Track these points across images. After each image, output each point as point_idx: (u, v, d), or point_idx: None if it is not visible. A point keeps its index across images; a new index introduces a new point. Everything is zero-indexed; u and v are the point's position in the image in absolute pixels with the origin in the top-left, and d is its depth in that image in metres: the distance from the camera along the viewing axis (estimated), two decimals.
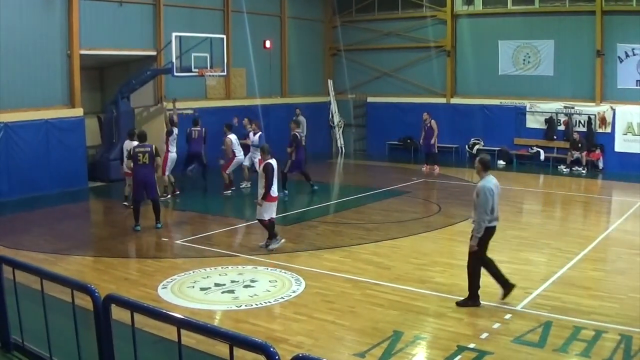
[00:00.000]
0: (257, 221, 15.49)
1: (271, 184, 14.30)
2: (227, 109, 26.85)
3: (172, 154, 21.09)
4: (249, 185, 22.08)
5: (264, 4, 30.37)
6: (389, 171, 27.03)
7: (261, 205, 14.43)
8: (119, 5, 23.94)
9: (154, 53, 25.46)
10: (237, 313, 10.76)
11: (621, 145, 26.08)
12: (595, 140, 26.52)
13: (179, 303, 11.17)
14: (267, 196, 14.32)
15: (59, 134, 21.77)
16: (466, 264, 11.16)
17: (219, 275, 12.76)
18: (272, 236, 14.66)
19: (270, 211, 14.54)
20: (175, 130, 21.12)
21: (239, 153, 21.78)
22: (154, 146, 16.87)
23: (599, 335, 9.37)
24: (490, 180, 10.86)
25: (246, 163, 22.17)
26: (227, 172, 21.71)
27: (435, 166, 26.38)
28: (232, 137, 21.78)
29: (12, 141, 20.52)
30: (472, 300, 10.87)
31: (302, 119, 28.18)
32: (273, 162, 14.43)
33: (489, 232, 11.00)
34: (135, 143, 17.38)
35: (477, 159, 11.18)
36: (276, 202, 14.74)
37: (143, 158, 16.51)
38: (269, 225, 14.65)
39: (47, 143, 21.52)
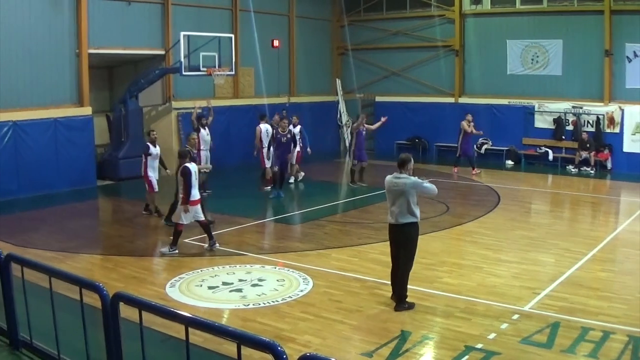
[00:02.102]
0: (263, 221, 15.52)
1: (190, 188, 14.29)
2: (235, 108, 26.91)
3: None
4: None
5: (272, 3, 30.41)
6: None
7: (188, 210, 14.28)
8: (128, 4, 23.98)
9: (162, 52, 25.50)
10: (245, 312, 10.78)
11: (630, 145, 26.00)
12: (603, 140, 26.45)
13: (187, 301, 11.20)
14: (187, 200, 14.29)
15: (67, 133, 21.84)
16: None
17: (227, 274, 12.79)
18: (175, 242, 14.49)
19: (189, 215, 14.38)
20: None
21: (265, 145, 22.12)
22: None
23: (606, 336, 9.36)
24: (388, 178, 11.00)
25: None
26: (267, 166, 22.16)
27: (457, 169, 26.26)
28: (262, 126, 22.21)
29: (21, 140, 20.60)
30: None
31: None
32: (191, 166, 14.44)
33: (389, 228, 11.02)
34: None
35: None
36: (197, 206, 14.51)
37: None
38: (176, 232, 14.50)
39: (56, 142, 21.59)
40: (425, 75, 31.50)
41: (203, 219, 14.75)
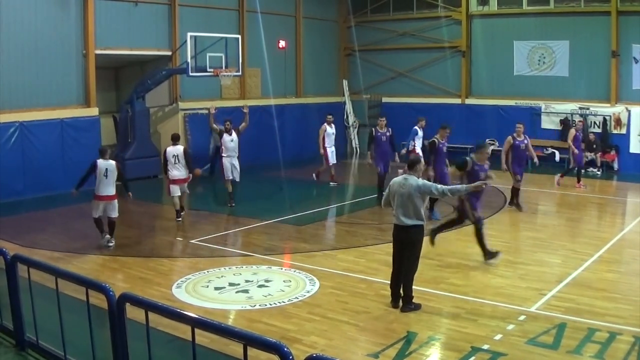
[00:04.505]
0: (270, 222, 15.65)
1: (84, 179, 14.95)
2: (242, 109, 26.89)
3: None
4: None
5: (279, 4, 30.42)
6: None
7: (96, 204, 14.98)
8: (134, 5, 24.03)
9: (169, 53, 25.54)
10: (251, 313, 10.77)
11: (636, 146, 25.96)
12: (610, 141, 26.41)
13: (193, 302, 11.20)
14: (94, 194, 15.00)
15: (74, 134, 21.87)
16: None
17: (234, 274, 12.79)
18: (108, 232, 15.14)
19: (95, 210, 15.01)
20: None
21: (327, 145, 23.09)
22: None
23: (613, 337, 9.33)
24: (396, 179, 10.99)
25: None
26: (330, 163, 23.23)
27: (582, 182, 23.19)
28: (324, 126, 23.29)
29: (27, 140, 20.64)
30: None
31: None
32: (102, 162, 14.95)
33: (394, 229, 10.95)
34: (180, 148, 17.83)
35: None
36: (100, 202, 14.95)
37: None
38: (95, 223, 15.15)
39: (63, 142, 21.63)
40: (432, 76, 31.48)
41: (113, 216, 15.12)
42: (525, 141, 19.22)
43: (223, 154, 19.66)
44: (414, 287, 10.85)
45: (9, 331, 8.37)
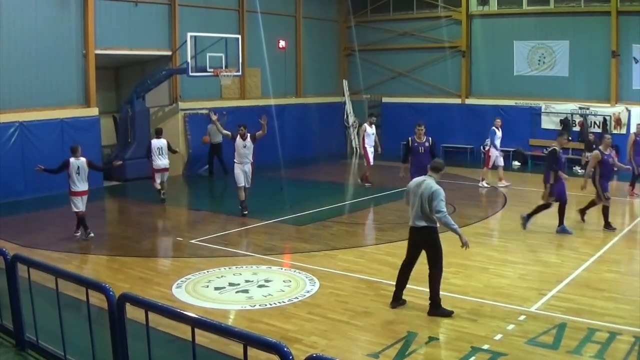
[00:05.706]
0: (270, 222, 15.67)
1: (54, 171, 15.97)
2: (242, 109, 26.94)
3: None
4: None
5: (279, 4, 30.44)
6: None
7: (73, 200, 15.79)
8: (134, 5, 24.04)
9: (169, 53, 25.55)
10: (251, 313, 10.77)
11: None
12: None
13: (193, 302, 11.20)
14: (70, 192, 15.72)
15: (74, 133, 21.83)
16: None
17: (233, 274, 12.78)
18: (82, 227, 15.89)
19: (77, 204, 15.74)
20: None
21: (367, 145, 23.09)
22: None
23: (613, 337, 9.32)
24: (416, 179, 11.02)
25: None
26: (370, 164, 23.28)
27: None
28: (364, 126, 23.50)
29: (27, 140, 20.66)
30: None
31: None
32: (74, 160, 15.65)
33: (409, 231, 10.89)
34: (164, 141, 20.01)
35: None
36: (79, 197, 15.67)
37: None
38: (79, 219, 15.86)
39: (62, 142, 21.57)
40: (432, 76, 31.52)
41: (80, 210, 15.84)
42: (612, 154, 17.20)
43: (235, 160, 18.55)
44: (418, 288, 10.87)
45: (9, 331, 8.37)
